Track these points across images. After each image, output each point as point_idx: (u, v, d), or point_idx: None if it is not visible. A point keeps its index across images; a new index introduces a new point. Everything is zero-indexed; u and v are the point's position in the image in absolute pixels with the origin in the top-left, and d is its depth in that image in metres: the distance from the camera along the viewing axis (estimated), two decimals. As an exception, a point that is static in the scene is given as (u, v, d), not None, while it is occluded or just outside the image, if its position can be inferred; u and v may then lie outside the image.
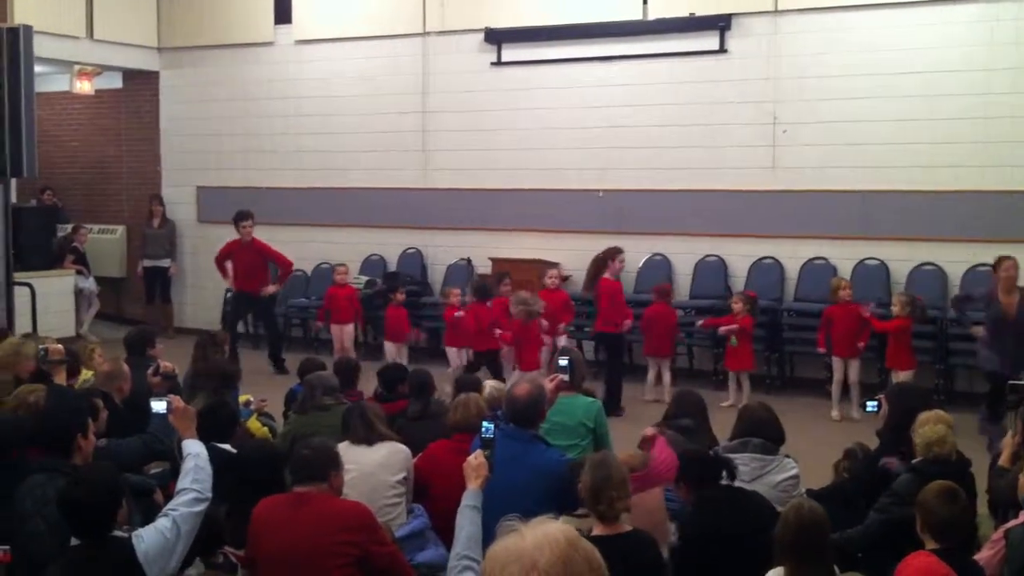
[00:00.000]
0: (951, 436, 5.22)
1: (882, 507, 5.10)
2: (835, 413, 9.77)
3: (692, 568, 4.61)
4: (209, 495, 4.21)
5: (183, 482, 4.21)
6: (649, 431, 5.04)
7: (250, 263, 11.86)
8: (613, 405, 9.40)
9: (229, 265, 12.05)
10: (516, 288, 10.36)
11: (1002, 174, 10.12)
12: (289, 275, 12.46)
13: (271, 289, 11.98)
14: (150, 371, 6.18)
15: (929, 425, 5.24)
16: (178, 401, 4.73)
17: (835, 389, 9.86)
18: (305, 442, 4.65)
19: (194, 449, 4.37)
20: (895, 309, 9.50)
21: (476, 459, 4.03)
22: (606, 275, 10.08)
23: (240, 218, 11.85)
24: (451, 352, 10.60)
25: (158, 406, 4.75)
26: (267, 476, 4.80)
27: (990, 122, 10.15)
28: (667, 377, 10.42)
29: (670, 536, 4.97)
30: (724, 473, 4.81)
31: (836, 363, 9.84)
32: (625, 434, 6.80)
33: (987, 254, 10.08)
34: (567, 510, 4.58)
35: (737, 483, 5.05)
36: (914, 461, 5.22)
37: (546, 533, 2.03)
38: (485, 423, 4.29)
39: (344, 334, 11.56)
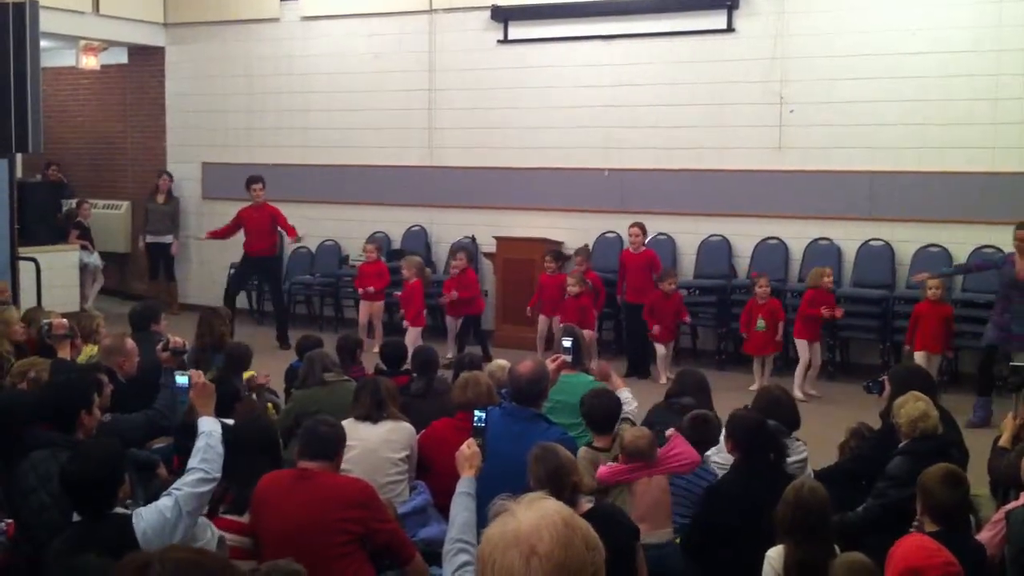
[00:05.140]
0: (932, 410, 5.23)
1: (879, 492, 5.10)
2: (797, 392, 9.54)
3: (705, 527, 4.76)
4: (217, 475, 4.18)
5: (192, 461, 4.18)
6: (668, 431, 5.11)
7: (261, 226, 11.94)
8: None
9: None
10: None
11: (1010, 156, 10.06)
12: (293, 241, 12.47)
13: (296, 236, 11.96)
14: (159, 346, 6.15)
15: (909, 404, 5.24)
16: (198, 376, 4.69)
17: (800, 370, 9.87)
18: (322, 419, 4.61)
19: (207, 427, 4.32)
20: (937, 293, 9.25)
21: (469, 448, 4.04)
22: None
23: (252, 181, 11.96)
24: (449, 321, 11.28)
25: (182, 380, 4.74)
26: (258, 449, 4.73)
27: (999, 103, 10.09)
28: (668, 356, 10.50)
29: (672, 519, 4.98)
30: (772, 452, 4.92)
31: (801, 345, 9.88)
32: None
33: (993, 236, 10.09)
34: None
35: None
36: (903, 444, 5.22)
37: (542, 515, 1.97)
38: (477, 412, 4.32)
39: (372, 310, 11.52)
